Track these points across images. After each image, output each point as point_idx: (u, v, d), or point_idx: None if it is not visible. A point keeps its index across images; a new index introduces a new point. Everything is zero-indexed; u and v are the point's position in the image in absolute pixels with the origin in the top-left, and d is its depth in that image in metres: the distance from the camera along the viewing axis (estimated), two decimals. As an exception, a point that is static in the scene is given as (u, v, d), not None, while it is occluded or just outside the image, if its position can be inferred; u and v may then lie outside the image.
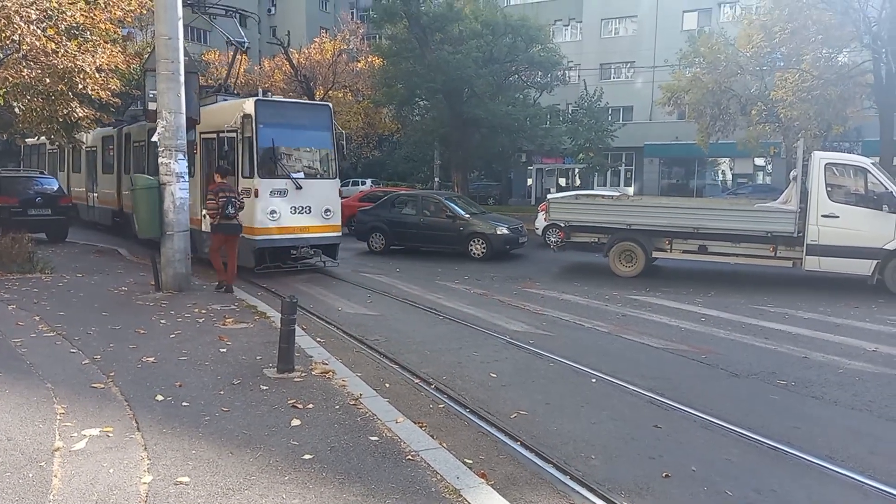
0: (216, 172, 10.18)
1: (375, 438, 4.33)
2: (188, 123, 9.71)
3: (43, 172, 18.46)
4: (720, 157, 33.93)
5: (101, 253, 13.78)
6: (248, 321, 7.70)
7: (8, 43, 10.63)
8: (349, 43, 36.06)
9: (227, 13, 14.31)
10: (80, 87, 11.41)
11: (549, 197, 17.22)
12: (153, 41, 10.29)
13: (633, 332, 8.14)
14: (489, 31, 27.86)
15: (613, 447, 4.63)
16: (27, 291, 8.96)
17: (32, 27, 10.27)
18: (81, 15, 11.26)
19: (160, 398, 4.97)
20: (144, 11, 13.19)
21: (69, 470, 3.71)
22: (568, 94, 33.82)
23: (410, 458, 4.05)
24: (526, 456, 4.41)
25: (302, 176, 11.85)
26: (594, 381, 6.13)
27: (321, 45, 34.64)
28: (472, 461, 4.18)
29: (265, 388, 5.28)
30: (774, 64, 22.45)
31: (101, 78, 11.70)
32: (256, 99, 11.58)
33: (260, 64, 38.21)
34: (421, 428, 4.62)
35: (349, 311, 9.18)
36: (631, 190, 34.32)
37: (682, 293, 10.86)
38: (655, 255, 12.62)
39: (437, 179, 32.82)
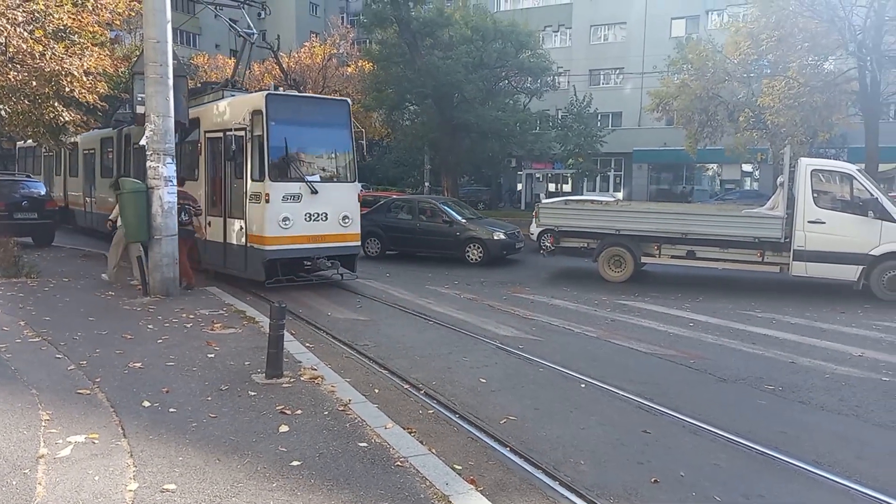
0: None
1: (364, 444, 4.31)
2: (177, 126, 9.68)
3: (30, 176, 18.27)
4: (708, 162, 34.21)
5: (87, 257, 13.66)
6: (236, 326, 7.65)
7: (-6, 45, 10.55)
8: (339, 47, 36.08)
9: (238, 5, 13.38)
10: (67, 90, 11.33)
11: (544, 202, 17.16)
12: (142, 44, 10.22)
13: (621, 336, 8.17)
14: (479, 36, 27.95)
15: (602, 452, 4.64)
16: (12, 296, 8.86)
17: (19, 29, 10.19)
18: (69, 17, 11.19)
19: (147, 404, 4.92)
20: (133, 14, 13.13)
21: (54, 477, 3.66)
22: (557, 99, 33.99)
23: (399, 464, 4.04)
24: (515, 461, 4.41)
25: (317, 179, 10.74)
26: (583, 386, 6.14)
27: (311, 49, 34.63)
28: (461, 467, 4.17)
29: (253, 393, 5.25)
30: (761, 71, 22.68)
31: (88, 81, 11.62)
32: (267, 93, 10.46)
33: (249, 68, 38.12)
34: (410, 434, 4.60)
35: (339, 315, 9.14)
36: (620, 195, 34.49)
37: (670, 298, 10.91)
38: (644, 260, 12.68)
39: (427, 184, 32.85)
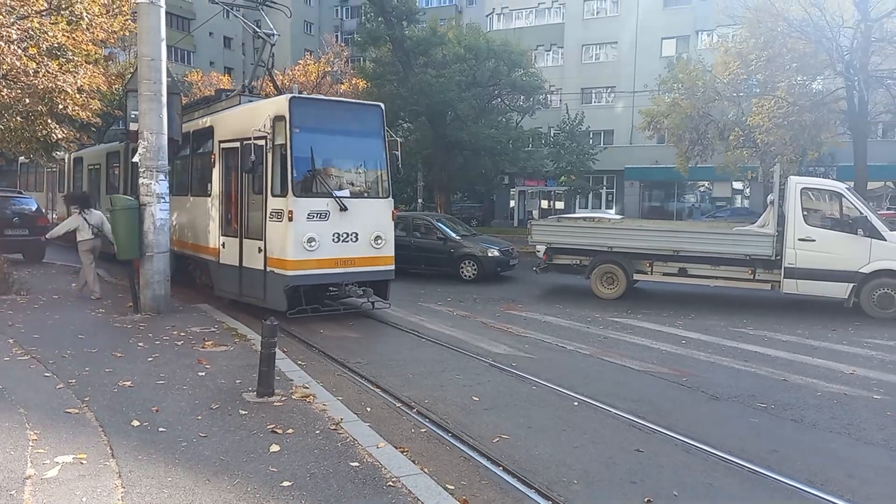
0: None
1: (356, 464, 4.28)
2: (170, 143, 9.69)
3: (21, 192, 18.17)
4: (699, 180, 34.47)
5: (78, 274, 13.55)
6: (227, 344, 7.61)
7: (-12, 63, 10.57)
8: (333, 65, 36.31)
9: (256, 5, 12.22)
10: (60, 107, 11.34)
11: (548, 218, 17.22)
12: (136, 61, 10.22)
13: (614, 354, 8.17)
14: (472, 55, 28.23)
15: (595, 472, 4.62)
16: (1, 314, 8.78)
17: (13, 47, 10.21)
18: (63, 35, 11.23)
19: (136, 423, 4.87)
20: (128, 33, 13.18)
21: (41, 498, 3.62)
22: (550, 117, 34.27)
23: (391, 484, 4.01)
24: (508, 481, 4.38)
25: (347, 194, 9.58)
26: (576, 404, 6.13)
27: (305, 67, 34.84)
28: (453, 487, 4.14)
29: (244, 412, 5.21)
30: (751, 90, 22.96)
31: (81, 98, 11.65)
32: (291, 96, 9.26)
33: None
34: (402, 453, 4.57)
35: (331, 333, 9.10)
36: (613, 212, 34.66)
37: (662, 315, 10.94)
38: (636, 277, 12.72)
39: (420, 200, 32.93)
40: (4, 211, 14.95)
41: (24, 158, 20.91)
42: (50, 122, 11.70)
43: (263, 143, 9.28)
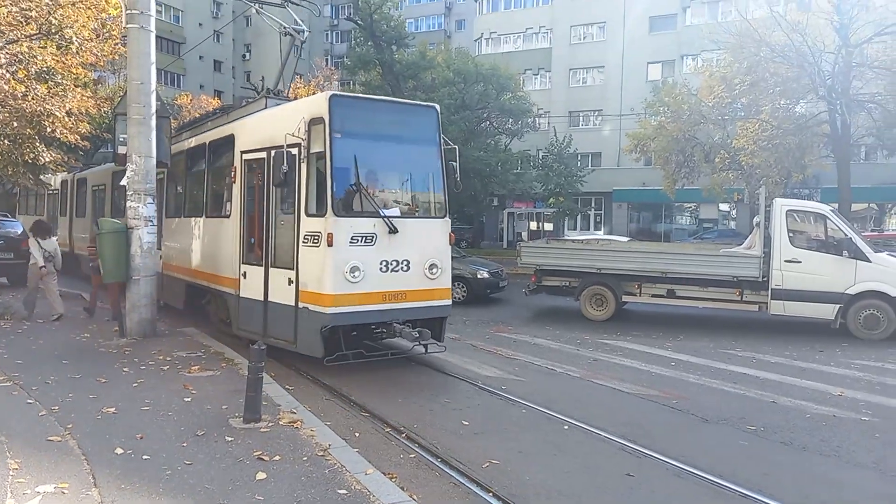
0: (95, 224, 8.69)
1: (344, 491, 4.22)
2: (159, 166, 9.68)
3: (6, 215, 17.99)
4: (686, 202, 34.78)
5: (64, 298, 13.40)
6: (214, 369, 7.52)
7: (-24, 86, 10.56)
8: (323, 88, 36.55)
9: (282, 3, 10.86)
10: (48, 130, 11.32)
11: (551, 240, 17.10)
12: (125, 85, 10.22)
13: (604, 377, 8.15)
14: (461, 79, 28.55)
15: (586, 497, 4.58)
16: (-16, 338, 8.67)
17: (2, 71, 10.22)
18: (53, 59, 11.25)
19: (120, 451, 4.79)
20: (117, 57, 13.21)
21: (19, 530, 3.53)
22: (538, 140, 34.56)
23: (380, 511, 3.95)
24: (498, 507, 4.33)
25: (397, 213, 8.10)
26: (566, 427, 6.09)
27: (295, 91, 34.97)
28: (442, 514, 4.09)
29: (230, 439, 5.13)
30: (735, 114, 23.33)
31: (70, 121, 11.63)
32: (331, 94, 7.82)
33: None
34: (391, 479, 4.52)
35: (319, 357, 9.01)
36: (601, 233, 34.85)
37: (651, 337, 10.95)
38: (625, 298, 12.75)
39: (410, 222, 32.97)
40: (-11, 234, 14.79)
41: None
42: (38, 145, 11.67)
43: (297, 151, 7.79)
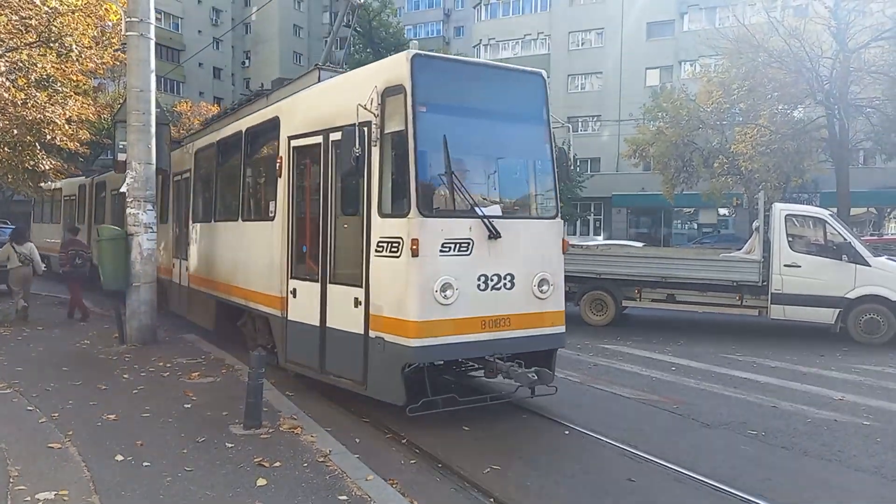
0: (67, 230, 8.35)
1: (344, 498, 4.21)
2: (159, 172, 9.72)
3: (6, 222, 18.00)
4: (685, 207, 34.83)
5: (63, 305, 13.40)
6: (214, 375, 7.51)
7: (-24, 94, 10.59)
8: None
9: None
10: (48, 137, 11.35)
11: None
12: (125, 92, 10.26)
13: (604, 381, 8.15)
14: (460, 85, 28.56)
15: (587, 503, 4.57)
16: (-17, 346, 8.66)
17: (2, 79, 10.24)
18: (53, 67, 11.28)
19: (120, 458, 4.78)
20: (117, 63, 13.24)
21: (19, 538, 3.53)
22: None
23: (380, 517, 3.94)
24: (499, 513, 4.32)
25: (498, 212, 6.26)
26: (567, 432, 6.08)
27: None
28: (443, 520, 4.08)
29: (230, 445, 5.12)
30: (734, 119, 23.42)
31: (70, 129, 11.66)
32: (413, 53, 5.78)
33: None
34: (392, 485, 4.51)
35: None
36: (600, 238, 34.86)
37: (652, 342, 10.94)
38: (625, 303, 12.75)
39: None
40: (-12, 242, 14.79)
41: (44, 185, 19.96)
42: (38, 152, 11.70)
43: (366, 131, 5.85)
